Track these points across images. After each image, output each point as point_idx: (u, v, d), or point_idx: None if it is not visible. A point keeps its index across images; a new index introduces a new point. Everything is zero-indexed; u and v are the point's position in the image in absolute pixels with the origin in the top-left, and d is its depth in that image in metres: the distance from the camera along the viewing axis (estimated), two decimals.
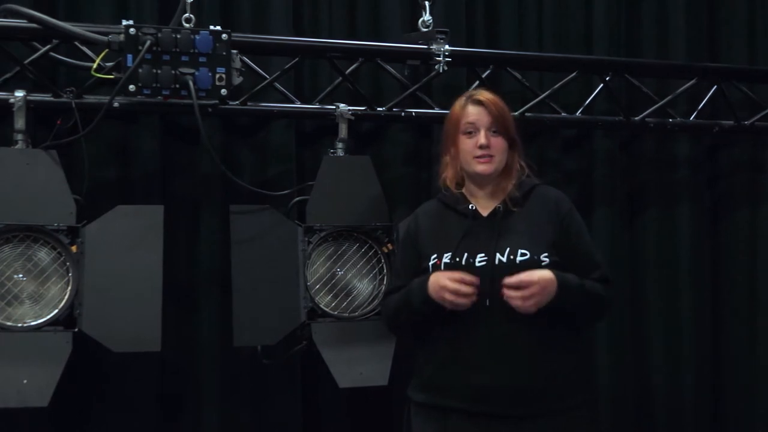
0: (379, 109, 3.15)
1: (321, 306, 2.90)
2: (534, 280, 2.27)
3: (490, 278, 2.32)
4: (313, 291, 2.90)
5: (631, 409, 3.67)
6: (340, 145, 3.02)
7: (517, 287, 2.26)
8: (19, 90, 2.72)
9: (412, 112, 3.21)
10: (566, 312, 2.36)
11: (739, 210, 3.83)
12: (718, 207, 3.86)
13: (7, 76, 2.80)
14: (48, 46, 2.77)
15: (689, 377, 3.72)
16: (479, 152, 2.41)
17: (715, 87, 3.57)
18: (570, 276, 2.35)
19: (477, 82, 3.21)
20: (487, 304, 2.31)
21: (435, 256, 2.40)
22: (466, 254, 2.37)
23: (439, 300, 2.32)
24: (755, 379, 3.79)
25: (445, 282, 2.30)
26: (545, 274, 2.29)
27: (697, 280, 3.75)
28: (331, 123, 3.06)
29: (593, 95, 3.48)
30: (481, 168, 2.42)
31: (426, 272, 2.41)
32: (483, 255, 2.36)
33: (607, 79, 3.41)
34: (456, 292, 2.28)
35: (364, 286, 2.96)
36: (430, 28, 3.11)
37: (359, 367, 2.87)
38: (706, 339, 3.78)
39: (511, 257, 2.35)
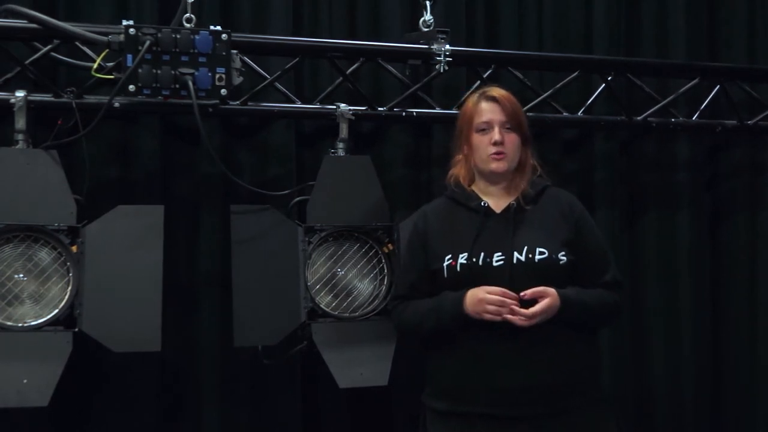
0: (379, 109, 3.14)
1: (321, 306, 2.89)
2: (549, 292, 2.27)
3: (510, 277, 2.31)
4: (313, 291, 2.89)
5: (631, 409, 3.67)
6: (340, 145, 3.01)
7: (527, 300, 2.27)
8: (19, 90, 2.72)
9: (413, 112, 3.21)
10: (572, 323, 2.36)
11: (739, 211, 3.83)
12: (718, 208, 3.85)
13: (8, 76, 2.79)
14: (48, 47, 2.76)
15: (689, 377, 3.72)
16: (493, 149, 2.40)
17: (718, 87, 3.56)
18: (571, 293, 2.33)
19: (479, 82, 3.20)
20: None
21: (449, 256, 2.37)
22: (482, 254, 2.34)
23: (478, 314, 2.28)
24: (755, 379, 3.79)
25: (485, 296, 2.27)
26: (554, 292, 2.29)
27: (697, 280, 3.74)
28: (332, 123, 3.05)
29: (595, 95, 3.47)
30: (495, 165, 2.41)
31: (439, 273, 2.39)
32: (500, 254, 2.34)
33: (609, 78, 3.41)
34: (502, 305, 2.25)
35: (364, 287, 2.95)
36: (431, 27, 3.11)
37: (359, 367, 2.86)
38: (706, 339, 3.78)
39: (530, 256, 2.33)
